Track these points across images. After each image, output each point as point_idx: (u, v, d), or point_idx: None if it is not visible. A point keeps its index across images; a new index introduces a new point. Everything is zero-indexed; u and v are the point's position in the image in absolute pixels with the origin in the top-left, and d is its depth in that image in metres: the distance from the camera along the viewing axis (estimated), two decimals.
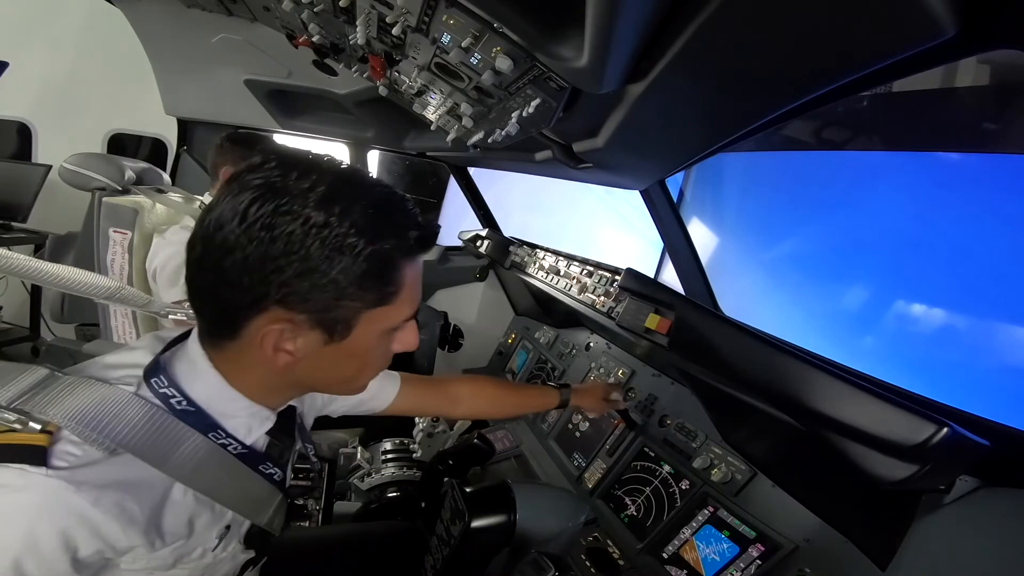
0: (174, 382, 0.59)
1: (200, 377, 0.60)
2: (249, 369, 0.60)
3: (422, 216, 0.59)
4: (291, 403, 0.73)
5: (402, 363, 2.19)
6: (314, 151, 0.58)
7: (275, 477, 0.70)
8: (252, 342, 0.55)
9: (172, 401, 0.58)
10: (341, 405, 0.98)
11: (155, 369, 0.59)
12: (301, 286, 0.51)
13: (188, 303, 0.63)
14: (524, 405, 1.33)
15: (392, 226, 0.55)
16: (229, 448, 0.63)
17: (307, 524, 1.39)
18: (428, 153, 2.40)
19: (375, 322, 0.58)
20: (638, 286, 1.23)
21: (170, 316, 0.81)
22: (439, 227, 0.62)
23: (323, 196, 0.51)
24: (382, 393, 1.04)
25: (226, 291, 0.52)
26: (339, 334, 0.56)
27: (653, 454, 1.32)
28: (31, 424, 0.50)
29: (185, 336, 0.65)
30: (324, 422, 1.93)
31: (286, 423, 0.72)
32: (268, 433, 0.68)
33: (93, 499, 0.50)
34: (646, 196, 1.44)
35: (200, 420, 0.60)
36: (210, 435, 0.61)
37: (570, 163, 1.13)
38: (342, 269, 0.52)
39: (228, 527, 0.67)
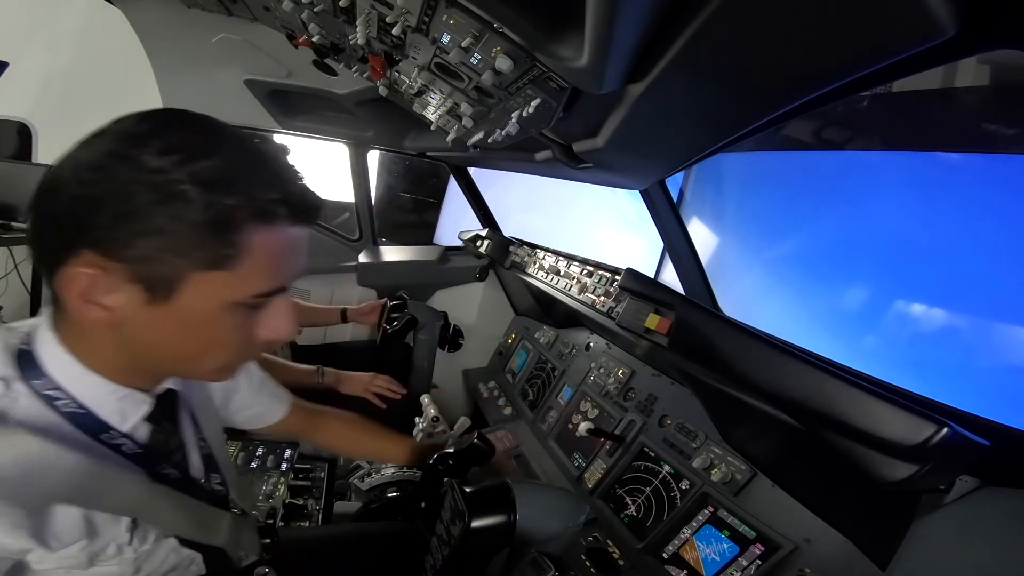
0: (55, 381, 0.53)
1: (51, 360, 0.54)
2: (91, 340, 0.54)
3: (306, 185, 0.54)
4: (172, 388, 0.67)
5: (402, 363, 2.19)
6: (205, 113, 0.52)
7: (171, 477, 0.64)
8: (70, 298, 0.49)
9: (58, 404, 0.53)
10: (235, 413, 0.94)
11: (33, 367, 0.53)
12: (118, 231, 0.46)
13: None
14: (379, 453, 1.31)
15: (245, 183, 0.49)
16: (123, 448, 0.58)
17: (307, 524, 1.39)
18: (428, 153, 2.40)
19: (209, 287, 0.50)
20: (638, 286, 1.23)
21: None
22: (316, 197, 0.55)
23: (168, 143, 0.46)
24: (271, 410, 1.02)
25: (45, 233, 0.49)
26: (161, 292, 0.49)
27: (653, 454, 1.32)
28: None
29: None
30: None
31: (167, 409, 0.66)
32: (150, 421, 0.62)
33: None
34: (646, 196, 1.44)
35: (89, 421, 0.55)
36: (102, 437, 0.56)
37: (570, 163, 1.13)
38: (168, 216, 0.46)
39: (134, 520, 0.61)
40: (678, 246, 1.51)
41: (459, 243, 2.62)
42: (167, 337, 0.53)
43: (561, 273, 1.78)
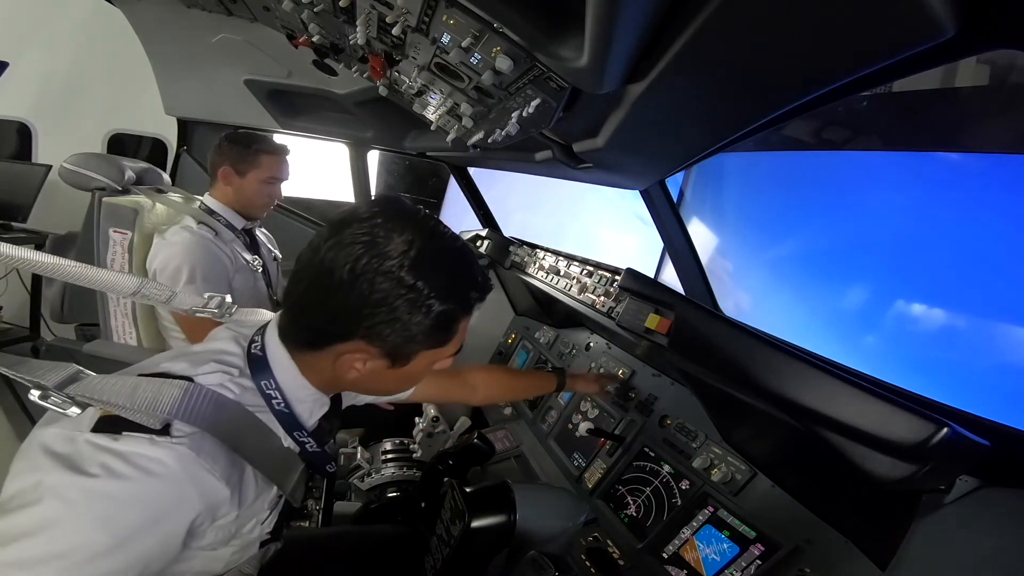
0: (278, 383, 0.71)
1: (281, 368, 0.72)
2: (320, 370, 0.72)
3: (481, 274, 0.73)
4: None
5: None
6: (406, 200, 0.70)
7: (329, 469, 0.83)
8: (331, 357, 0.68)
9: (274, 402, 0.71)
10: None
11: (263, 369, 0.71)
12: (384, 330, 0.64)
13: (210, 301, 0.82)
14: (529, 389, 1.57)
15: (462, 290, 0.68)
16: (307, 446, 0.75)
17: (307, 524, 1.39)
18: (428, 153, 2.40)
19: (430, 358, 0.72)
20: (638, 286, 1.23)
21: (196, 314, 0.84)
22: (492, 286, 0.75)
23: (414, 261, 0.62)
24: None
25: (324, 320, 0.66)
26: (400, 363, 0.70)
27: (653, 454, 1.32)
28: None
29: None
30: None
31: (335, 407, 0.84)
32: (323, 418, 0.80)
33: (209, 466, 0.60)
34: (646, 196, 1.44)
35: (290, 419, 0.72)
36: (294, 434, 0.73)
37: (570, 163, 1.13)
38: (417, 323, 0.65)
39: (280, 497, 0.77)
40: (678, 246, 1.51)
41: None
42: (387, 384, 0.77)
43: (561, 273, 1.78)
